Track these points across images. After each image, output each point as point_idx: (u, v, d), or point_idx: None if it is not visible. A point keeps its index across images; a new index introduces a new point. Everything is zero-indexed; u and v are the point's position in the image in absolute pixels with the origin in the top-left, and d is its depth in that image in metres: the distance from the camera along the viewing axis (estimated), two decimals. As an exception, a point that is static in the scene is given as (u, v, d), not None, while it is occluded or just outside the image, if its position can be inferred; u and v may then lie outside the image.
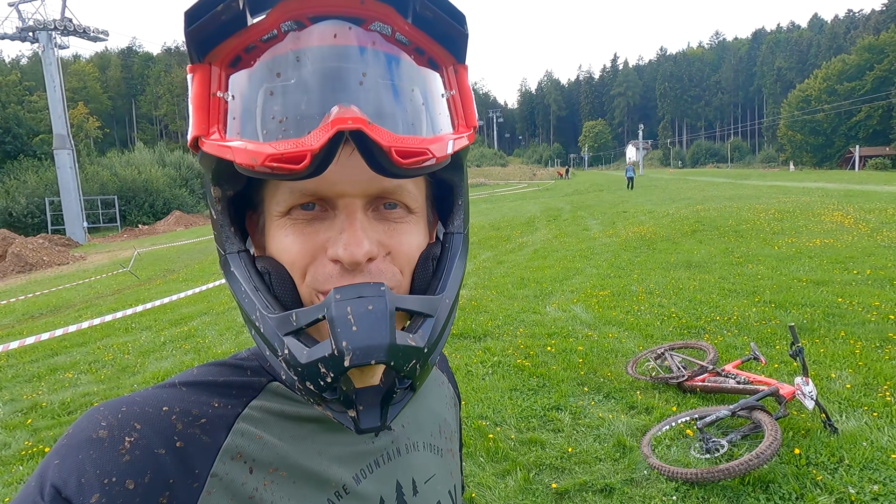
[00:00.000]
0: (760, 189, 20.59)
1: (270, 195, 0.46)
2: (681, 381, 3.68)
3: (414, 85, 0.43)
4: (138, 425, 0.41)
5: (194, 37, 0.40)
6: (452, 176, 0.50)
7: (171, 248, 18.18)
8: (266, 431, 0.47)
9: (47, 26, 28.85)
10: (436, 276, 0.49)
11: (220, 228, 0.47)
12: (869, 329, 4.61)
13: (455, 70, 0.47)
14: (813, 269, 6.85)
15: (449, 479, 0.61)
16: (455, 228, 0.52)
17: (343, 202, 0.44)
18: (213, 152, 0.41)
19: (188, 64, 0.43)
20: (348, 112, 0.38)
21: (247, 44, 0.41)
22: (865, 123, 54.87)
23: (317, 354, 0.40)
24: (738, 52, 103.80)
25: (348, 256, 0.43)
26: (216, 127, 0.41)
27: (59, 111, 28.10)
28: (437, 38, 0.44)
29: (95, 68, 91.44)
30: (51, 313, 9.09)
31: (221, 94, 0.42)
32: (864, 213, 10.89)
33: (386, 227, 0.46)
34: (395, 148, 0.39)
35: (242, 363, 0.51)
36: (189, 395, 0.45)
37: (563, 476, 2.89)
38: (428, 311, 0.44)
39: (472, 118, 0.48)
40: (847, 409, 3.31)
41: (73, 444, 0.40)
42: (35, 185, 31.64)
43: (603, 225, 12.58)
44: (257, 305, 0.43)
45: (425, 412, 0.61)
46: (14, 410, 4.51)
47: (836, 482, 2.59)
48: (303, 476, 0.47)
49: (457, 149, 0.44)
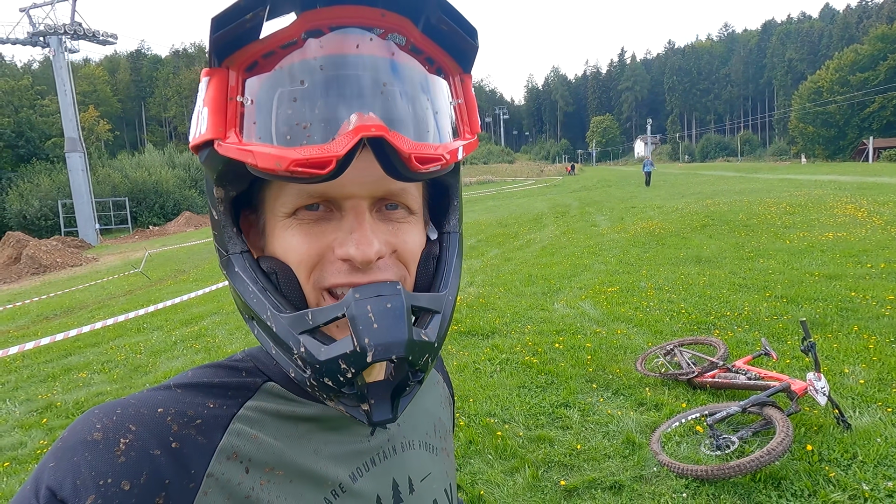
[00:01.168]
0: (771, 182, 20.34)
1: (274, 196, 0.47)
2: (690, 378, 3.65)
3: (426, 93, 0.45)
4: (133, 427, 0.42)
5: (219, 42, 0.40)
6: (451, 179, 0.52)
7: (182, 249, 18.36)
8: (262, 431, 0.47)
9: (57, 31, 29.24)
10: (437, 274, 0.51)
11: (223, 229, 0.48)
12: (883, 323, 4.53)
13: (461, 79, 0.49)
14: (825, 263, 6.76)
15: (444, 477, 0.61)
16: (452, 228, 0.53)
17: (350, 203, 0.45)
18: (232, 155, 0.41)
19: (205, 67, 0.44)
20: (369, 119, 0.39)
21: (266, 50, 0.41)
22: (879, 114, 53.94)
23: (337, 351, 0.41)
24: (747, 44, 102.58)
25: (360, 255, 0.44)
26: (233, 130, 0.42)
27: (70, 115, 28.49)
28: (448, 49, 0.46)
29: (105, 71, 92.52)
30: (64, 314, 9.23)
31: (239, 99, 0.42)
32: (878, 206, 10.72)
33: (390, 227, 0.48)
34: (414, 154, 0.41)
35: (237, 364, 0.51)
36: (184, 397, 0.46)
37: (571, 473, 2.88)
38: (436, 307, 0.47)
39: (476, 125, 0.50)
40: (860, 404, 3.27)
41: (67, 447, 0.40)
42: (48, 188, 32.13)
43: (611, 221, 12.51)
44: (268, 305, 0.44)
45: (420, 411, 0.62)
46: (30, 410, 4.58)
47: (849, 479, 2.56)
48: (299, 475, 0.47)
49: (465, 154, 0.46)
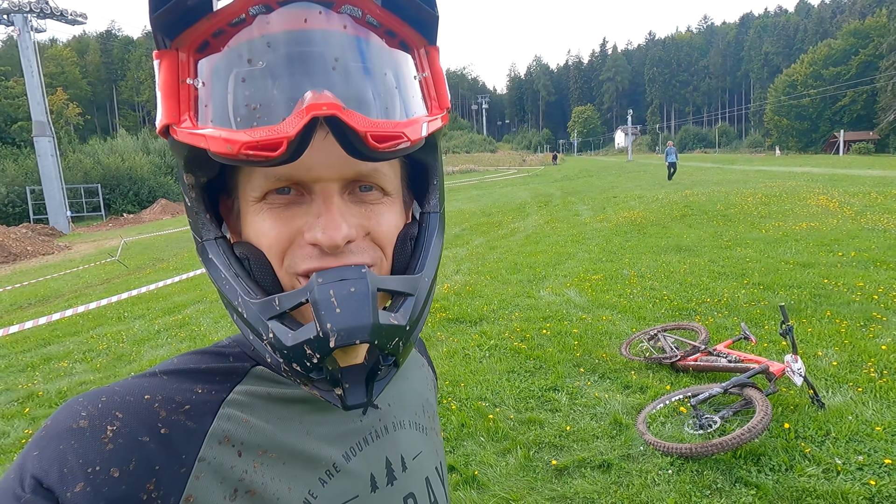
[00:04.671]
0: (747, 174, 20.83)
1: (245, 180, 0.46)
2: (674, 361, 3.78)
3: (386, 68, 0.43)
4: (120, 414, 0.41)
5: (161, 22, 0.39)
6: (427, 157, 0.50)
7: (159, 237, 17.95)
8: (253, 415, 0.47)
9: (23, 8, 27.92)
10: (414, 256, 0.49)
11: (196, 216, 0.46)
12: (854, 309, 4.74)
13: (427, 52, 0.47)
14: (799, 252, 7.00)
15: (434, 456, 0.62)
16: (431, 208, 0.52)
17: (319, 186, 0.44)
18: (186, 140, 0.40)
19: (155, 50, 0.42)
20: (322, 97, 0.38)
21: (214, 29, 0.40)
22: (850, 108, 55.56)
23: (302, 337, 0.40)
24: (726, 36, 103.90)
25: (327, 240, 0.43)
26: (187, 114, 0.41)
27: (38, 97, 27.35)
28: (408, 20, 0.43)
29: (74, 53, 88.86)
30: (39, 303, 8.97)
31: (191, 81, 0.41)
32: (848, 197, 11.09)
33: (363, 210, 0.46)
34: (370, 133, 0.39)
35: (224, 350, 0.51)
36: (171, 383, 0.45)
37: (562, 453, 2.97)
38: (408, 290, 0.45)
39: (445, 99, 0.47)
40: (833, 385, 3.43)
41: (52, 436, 0.39)
42: (15, 174, 30.85)
43: (593, 210, 12.67)
44: (239, 291, 0.43)
45: (409, 392, 0.62)
46: (10, 400, 4.48)
47: (823, 454, 2.70)
48: (292, 456, 0.47)
49: (431, 131, 0.44)
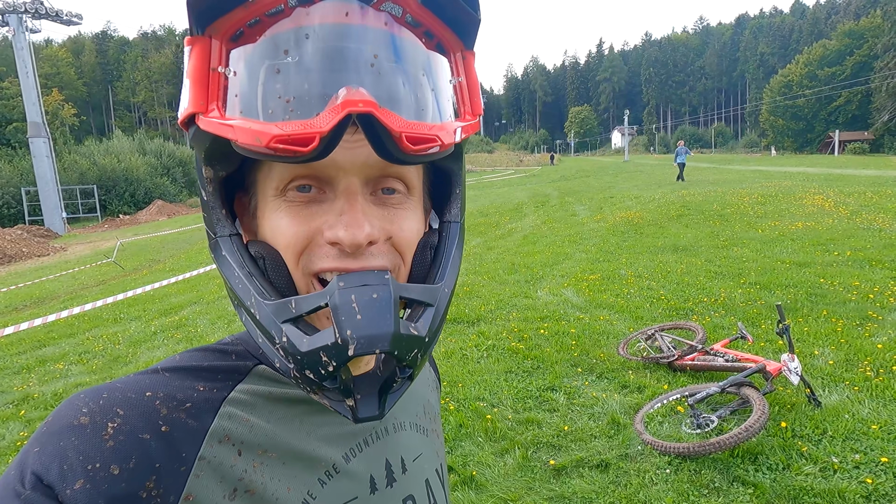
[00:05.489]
0: (743, 174, 20.90)
1: (264, 177, 0.45)
2: (671, 361, 3.78)
3: (423, 69, 0.42)
4: (121, 411, 0.40)
5: (197, 8, 0.38)
6: (452, 164, 0.49)
7: (155, 238, 17.88)
8: (254, 414, 0.46)
9: (17, 9, 27.78)
10: (434, 265, 0.48)
11: (211, 210, 0.45)
12: (850, 308, 4.76)
13: (463, 56, 0.46)
14: (796, 252, 7.03)
15: (435, 457, 0.61)
16: (453, 217, 0.50)
17: (343, 184, 0.43)
18: (213, 130, 0.39)
19: (187, 36, 0.41)
20: (358, 94, 0.37)
21: (251, 18, 0.39)
22: (845, 108, 55.87)
23: (318, 343, 0.38)
24: (721, 37, 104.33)
25: (350, 238, 0.41)
26: (215, 104, 0.39)
27: (33, 98, 27.21)
28: (448, 21, 0.43)
29: (69, 53, 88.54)
30: (35, 305, 8.93)
31: (222, 70, 0.39)
32: (843, 197, 11.15)
33: (386, 212, 0.45)
34: (405, 134, 0.38)
35: (226, 348, 0.50)
36: (172, 381, 0.44)
37: (560, 453, 2.97)
38: (429, 300, 0.44)
39: (478, 106, 0.47)
40: (830, 384, 3.45)
41: (53, 432, 0.39)
42: (10, 175, 30.69)
43: (590, 210, 12.69)
44: (252, 291, 0.42)
45: (410, 394, 0.61)
46: (5, 402, 4.45)
47: (820, 452, 2.71)
48: (293, 457, 0.47)
49: (463, 137, 0.43)
